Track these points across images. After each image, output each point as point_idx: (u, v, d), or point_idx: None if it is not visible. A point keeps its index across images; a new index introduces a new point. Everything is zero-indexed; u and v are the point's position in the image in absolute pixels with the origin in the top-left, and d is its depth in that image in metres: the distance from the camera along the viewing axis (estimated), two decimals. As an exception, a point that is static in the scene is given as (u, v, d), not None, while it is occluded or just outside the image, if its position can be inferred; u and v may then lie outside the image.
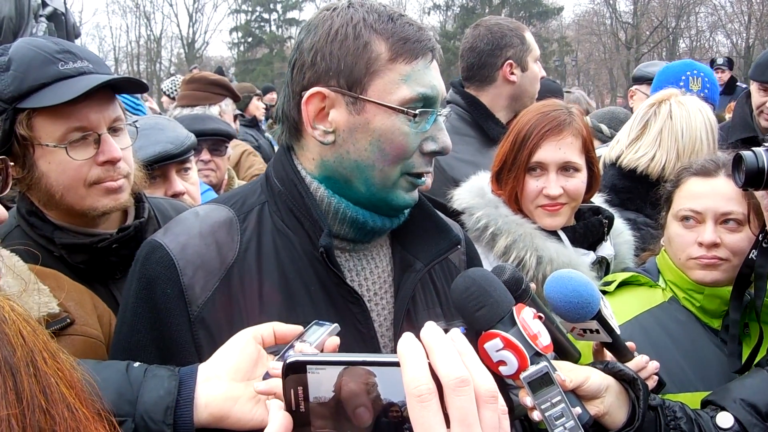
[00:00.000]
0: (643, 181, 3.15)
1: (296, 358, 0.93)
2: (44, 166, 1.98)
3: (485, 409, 0.85)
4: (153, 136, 2.89)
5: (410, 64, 1.59)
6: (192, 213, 1.71)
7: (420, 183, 1.69)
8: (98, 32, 50.62)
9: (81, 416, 0.88)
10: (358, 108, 1.59)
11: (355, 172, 1.63)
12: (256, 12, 52.76)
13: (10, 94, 1.94)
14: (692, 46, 46.04)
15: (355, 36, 1.58)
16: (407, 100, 1.58)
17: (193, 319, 1.55)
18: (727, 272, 2.27)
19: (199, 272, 1.57)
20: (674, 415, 1.90)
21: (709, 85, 4.28)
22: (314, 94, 1.60)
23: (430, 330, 0.90)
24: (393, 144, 1.60)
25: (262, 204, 1.70)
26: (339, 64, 1.58)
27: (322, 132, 1.62)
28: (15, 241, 2.02)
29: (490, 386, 0.86)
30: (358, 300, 1.65)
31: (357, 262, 1.74)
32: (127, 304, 1.62)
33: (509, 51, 3.68)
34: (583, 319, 1.82)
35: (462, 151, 3.44)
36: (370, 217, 1.68)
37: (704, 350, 2.29)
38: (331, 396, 0.91)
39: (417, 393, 0.83)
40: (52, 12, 8.89)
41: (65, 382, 0.89)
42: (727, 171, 2.29)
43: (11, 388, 0.82)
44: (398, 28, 1.60)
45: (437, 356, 0.86)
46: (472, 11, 46.45)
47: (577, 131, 2.55)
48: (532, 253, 2.45)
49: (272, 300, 1.60)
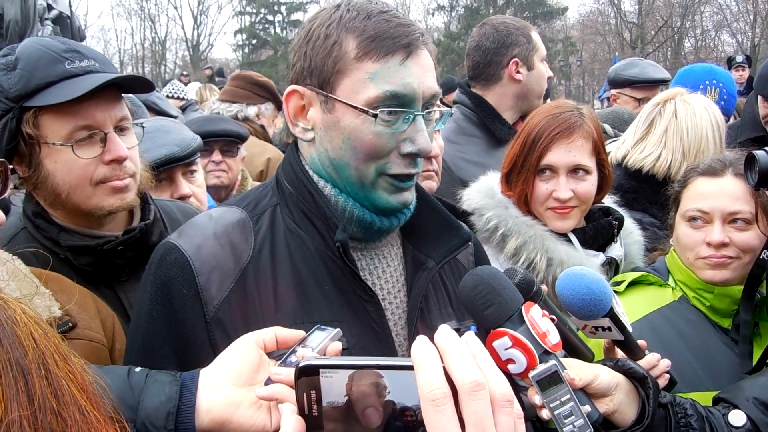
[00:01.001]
0: (649, 181, 3.14)
1: (309, 361, 0.93)
2: (50, 165, 1.98)
3: (501, 414, 0.84)
4: (159, 138, 2.89)
5: (378, 62, 1.55)
6: (205, 215, 1.72)
7: (404, 186, 1.65)
8: (103, 35, 50.87)
9: (92, 419, 0.88)
10: (330, 107, 1.60)
11: (336, 170, 1.64)
12: (261, 14, 52.89)
13: (17, 93, 1.94)
14: (697, 45, 45.96)
15: (326, 35, 1.59)
16: (372, 99, 1.55)
17: (209, 319, 1.55)
18: (737, 270, 2.27)
19: (214, 273, 1.57)
20: (685, 412, 1.89)
21: (727, 97, 4.20)
22: (291, 92, 1.65)
23: (444, 333, 0.89)
24: (363, 143, 1.58)
25: (274, 206, 1.71)
26: (311, 63, 1.61)
27: (301, 129, 1.67)
28: (22, 244, 2.01)
29: (506, 390, 0.86)
30: (373, 298, 1.65)
31: (369, 261, 1.74)
32: (142, 307, 1.62)
33: (515, 49, 3.66)
34: (595, 316, 1.81)
35: (469, 151, 3.44)
36: (378, 218, 1.68)
37: (714, 350, 2.28)
38: (344, 400, 0.91)
39: (432, 397, 0.83)
40: (57, 15, 8.94)
41: (76, 384, 0.89)
42: (734, 170, 2.28)
43: (23, 389, 0.82)
44: (371, 25, 1.57)
45: (452, 360, 0.85)
46: (477, 12, 46.45)
47: (587, 133, 2.51)
48: (543, 255, 2.44)
49: (287, 300, 1.60)
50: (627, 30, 46.40)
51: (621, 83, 5.11)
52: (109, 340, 1.90)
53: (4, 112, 1.95)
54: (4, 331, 0.85)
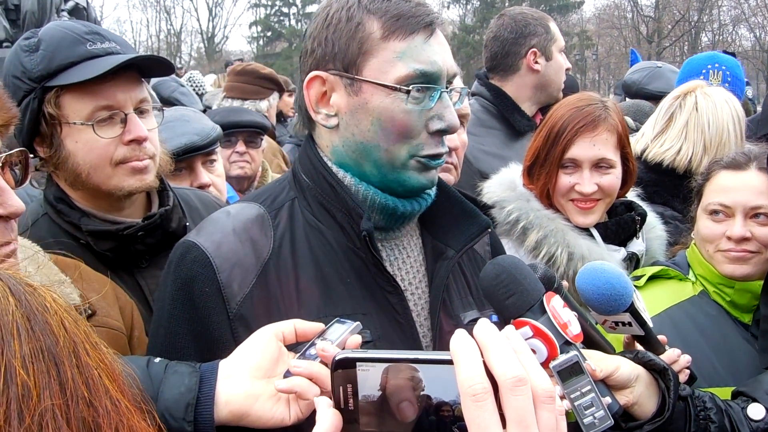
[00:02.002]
0: (670, 174, 3.11)
1: (346, 354, 0.93)
2: (71, 144, 2.00)
3: (543, 410, 0.83)
4: (179, 128, 2.89)
5: (405, 41, 1.56)
6: (223, 212, 1.70)
7: (434, 164, 1.65)
8: (119, 27, 51.01)
9: (123, 408, 0.87)
10: (356, 89, 1.58)
11: (363, 154, 1.62)
12: (276, 6, 52.91)
13: (39, 73, 1.96)
14: (714, 39, 45.53)
15: (348, 18, 1.58)
16: (403, 78, 1.55)
17: (232, 316, 1.53)
18: (758, 265, 2.25)
19: (235, 270, 1.56)
20: (704, 405, 1.88)
21: (731, 78, 4.15)
22: (313, 78, 1.62)
23: (484, 327, 0.88)
24: (394, 122, 1.57)
25: (291, 200, 1.69)
26: (334, 47, 1.59)
27: (324, 116, 1.64)
28: (43, 229, 2.03)
29: (548, 386, 0.84)
30: (397, 289, 1.63)
31: (390, 252, 1.72)
32: (164, 307, 1.61)
33: (533, 39, 3.65)
34: (615, 311, 1.80)
35: (488, 143, 3.42)
36: (399, 202, 1.66)
37: (734, 345, 2.26)
38: (379, 393, 0.90)
39: (472, 392, 0.82)
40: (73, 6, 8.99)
41: (107, 373, 0.88)
42: (759, 164, 2.26)
43: (55, 378, 0.81)
44: (392, 6, 1.58)
45: (492, 354, 0.84)
46: (492, 5, 46.24)
47: (612, 126, 2.47)
48: (564, 249, 2.41)
49: (310, 294, 1.58)
50: (643, 24, 46.05)
51: (645, 98, 4.71)
52: (127, 327, 1.91)
53: (26, 92, 1.98)
54: (36, 318, 0.84)
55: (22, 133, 1.99)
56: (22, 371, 0.79)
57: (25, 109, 1.96)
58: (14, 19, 8.74)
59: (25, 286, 0.87)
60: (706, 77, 3.87)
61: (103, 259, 2.07)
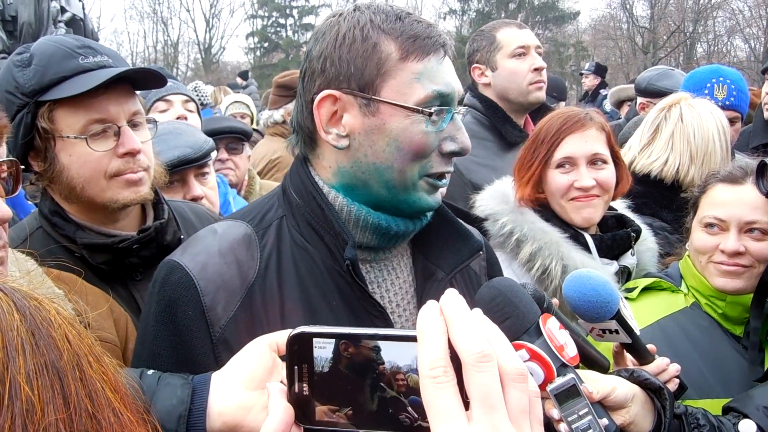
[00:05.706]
0: (658, 185, 3.13)
1: (302, 330, 0.91)
2: (65, 158, 2.01)
3: (512, 389, 0.76)
4: (171, 140, 2.91)
5: (422, 62, 1.55)
6: (210, 231, 1.67)
7: (441, 184, 1.65)
8: (116, 38, 50.91)
9: (126, 420, 0.87)
10: (372, 110, 1.55)
11: (374, 175, 1.60)
12: (273, 17, 52.91)
13: (32, 88, 1.98)
14: (710, 50, 45.63)
15: (363, 38, 1.55)
16: (422, 99, 1.55)
17: (215, 340, 1.52)
18: (750, 280, 2.24)
19: (220, 292, 1.54)
20: (697, 422, 1.88)
21: (736, 93, 4.17)
22: (326, 97, 1.57)
23: (451, 300, 0.81)
24: (411, 143, 1.56)
25: (280, 218, 1.67)
26: (349, 67, 1.55)
27: (335, 136, 1.59)
28: (38, 243, 2.03)
29: (518, 365, 0.78)
30: (383, 314, 1.61)
31: (378, 273, 1.71)
32: (147, 328, 1.59)
33: (476, 56, 3.74)
34: (602, 318, 1.80)
35: (480, 154, 3.43)
36: (393, 221, 1.64)
37: (726, 357, 2.27)
38: (335, 371, 0.88)
39: (433, 374, 0.76)
40: (70, 17, 8.99)
41: (110, 386, 0.88)
42: (755, 178, 2.26)
43: (58, 392, 0.81)
44: (406, 27, 1.57)
45: (456, 329, 0.78)
46: (488, 16, 46.27)
47: (600, 125, 2.56)
48: (558, 261, 2.42)
49: (294, 317, 1.56)
50: (639, 35, 46.13)
51: (654, 93, 4.91)
52: (122, 340, 1.91)
53: (19, 107, 1.99)
54: (40, 333, 0.84)
55: (16, 148, 2.00)
56: (27, 387, 0.79)
57: (18, 124, 1.97)
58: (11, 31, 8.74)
59: (29, 300, 0.88)
60: (711, 91, 3.87)
61: (98, 272, 2.08)
